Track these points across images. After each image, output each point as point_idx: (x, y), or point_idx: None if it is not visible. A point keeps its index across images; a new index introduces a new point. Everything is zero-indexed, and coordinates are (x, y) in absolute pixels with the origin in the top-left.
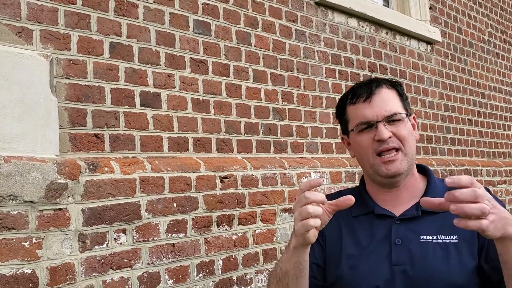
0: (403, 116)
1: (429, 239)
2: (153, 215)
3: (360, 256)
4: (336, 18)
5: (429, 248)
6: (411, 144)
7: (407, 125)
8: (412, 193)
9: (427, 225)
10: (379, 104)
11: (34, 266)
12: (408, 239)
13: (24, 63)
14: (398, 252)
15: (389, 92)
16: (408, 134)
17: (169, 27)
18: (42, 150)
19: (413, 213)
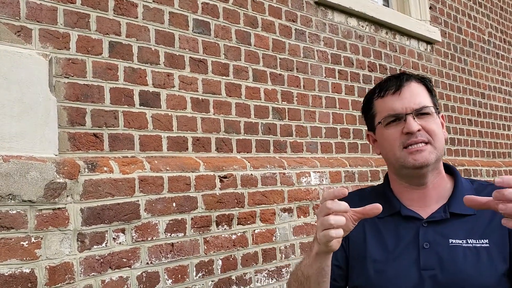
0: (432, 110)
1: (459, 243)
2: (152, 214)
3: (386, 260)
4: (336, 17)
5: (458, 252)
6: (440, 139)
7: (437, 120)
8: (440, 194)
9: (456, 229)
10: (408, 96)
11: (33, 266)
12: (437, 243)
13: (23, 62)
14: (427, 256)
15: (418, 86)
16: (437, 129)
17: (169, 26)
18: (41, 150)
19: (441, 215)
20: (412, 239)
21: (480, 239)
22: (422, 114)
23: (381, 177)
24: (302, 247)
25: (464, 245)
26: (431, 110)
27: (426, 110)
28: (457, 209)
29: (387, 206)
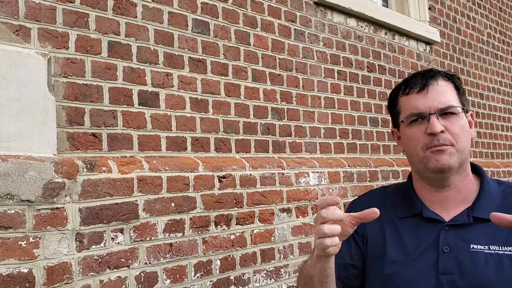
0: (459, 110)
1: (481, 248)
2: (151, 214)
3: (405, 262)
4: (335, 18)
5: (480, 258)
6: (464, 141)
7: (462, 120)
8: (464, 196)
9: (479, 234)
10: (433, 95)
11: (31, 266)
12: (458, 247)
13: (21, 61)
14: (446, 260)
15: (445, 84)
16: (461, 130)
17: (168, 26)
18: (39, 149)
19: (464, 219)
20: (432, 242)
21: (503, 245)
22: (447, 114)
23: (380, 178)
24: (301, 247)
25: (486, 251)
26: (457, 110)
27: (451, 110)
28: (481, 213)
29: (409, 206)
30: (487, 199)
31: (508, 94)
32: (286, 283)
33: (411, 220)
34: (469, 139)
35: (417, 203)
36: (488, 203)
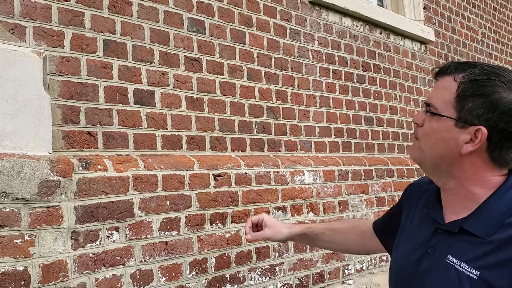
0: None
1: (454, 262)
2: (146, 213)
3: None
4: (331, 17)
5: (447, 272)
6: (434, 146)
7: (438, 125)
8: (466, 204)
9: (460, 246)
10: (434, 88)
11: (26, 264)
12: (439, 253)
13: (17, 60)
14: (426, 261)
15: (450, 82)
16: (429, 133)
17: (163, 25)
18: (34, 148)
19: (453, 228)
20: (425, 240)
21: (472, 267)
22: (429, 112)
23: (374, 176)
24: (296, 245)
25: (457, 266)
26: (436, 110)
27: (430, 108)
28: (469, 226)
29: (431, 198)
30: (483, 214)
31: None
32: (281, 281)
33: (425, 211)
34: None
35: (434, 197)
36: (482, 218)
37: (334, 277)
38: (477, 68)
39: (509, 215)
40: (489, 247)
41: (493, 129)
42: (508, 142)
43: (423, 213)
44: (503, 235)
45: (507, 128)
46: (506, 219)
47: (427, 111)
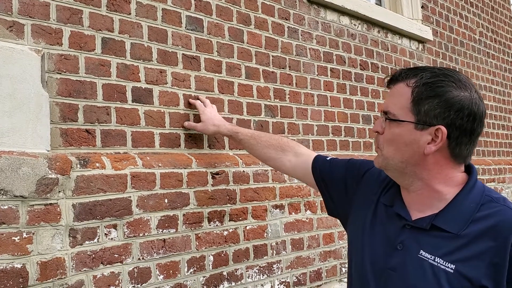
0: (396, 118)
1: (427, 257)
2: (144, 210)
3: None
4: (329, 16)
5: (422, 266)
6: (397, 151)
7: (399, 130)
8: (432, 202)
9: (433, 242)
10: (388, 96)
11: (24, 261)
12: (409, 249)
13: (15, 57)
14: (395, 257)
15: (403, 88)
16: (391, 139)
17: (162, 23)
18: (33, 145)
19: (424, 224)
20: (392, 236)
21: (448, 262)
22: (388, 119)
23: None
24: (293, 243)
25: (431, 261)
26: (395, 117)
27: (388, 115)
28: (440, 222)
29: (390, 196)
30: (454, 211)
31: (500, 93)
32: (279, 278)
33: (387, 209)
34: (411, 152)
35: (396, 197)
36: (453, 215)
37: (331, 275)
38: (426, 71)
39: (477, 210)
40: (462, 242)
41: (451, 127)
42: (466, 137)
43: (386, 209)
44: (475, 229)
45: (463, 124)
46: (475, 214)
47: (387, 119)
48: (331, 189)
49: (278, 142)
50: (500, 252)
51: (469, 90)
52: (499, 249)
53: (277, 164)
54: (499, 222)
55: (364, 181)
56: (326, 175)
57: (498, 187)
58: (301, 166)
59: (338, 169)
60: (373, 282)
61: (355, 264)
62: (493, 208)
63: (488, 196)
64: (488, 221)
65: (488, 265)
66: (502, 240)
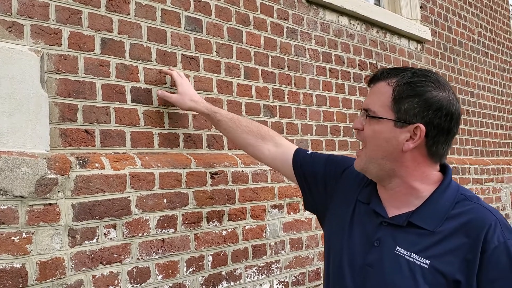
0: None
1: (404, 253)
2: (143, 210)
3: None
4: (327, 16)
5: (398, 262)
6: (378, 148)
7: (380, 127)
8: (409, 200)
9: (409, 239)
10: (370, 94)
11: (24, 261)
12: (386, 245)
13: (14, 58)
14: (373, 253)
15: (384, 87)
16: (372, 136)
17: (161, 23)
18: (32, 145)
19: (401, 221)
20: (370, 233)
21: (422, 257)
22: (369, 116)
23: None
24: (292, 243)
25: (407, 257)
26: (374, 114)
27: (369, 113)
28: (418, 220)
29: (367, 194)
30: (430, 209)
31: (498, 93)
32: (278, 278)
33: (364, 207)
34: (391, 149)
35: (372, 194)
36: (429, 213)
37: None
38: (407, 72)
39: (452, 208)
40: (437, 238)
41: (429, 125)
42: (443, 136)
43: (364, 207)
44: (449, 226)
45: (441, 123)
46: (450, 212)
47: (367, 116)
48: (311, 183)
49: (259, 129)
50: (472, 248)
51: (447, 91)
52: (472, 245)
53: (256, 152)
54: (472, 219)
55: (343, 178)
56: (307, 169)
57: (497, 187)
58: (281, 157)
59: (319, 164)
60: (350, 278)
61: (333, 261)
62: (467, 206)
63: (462, 195)
64: (462, 218)
65: (462, 260)
66: (475, 237)
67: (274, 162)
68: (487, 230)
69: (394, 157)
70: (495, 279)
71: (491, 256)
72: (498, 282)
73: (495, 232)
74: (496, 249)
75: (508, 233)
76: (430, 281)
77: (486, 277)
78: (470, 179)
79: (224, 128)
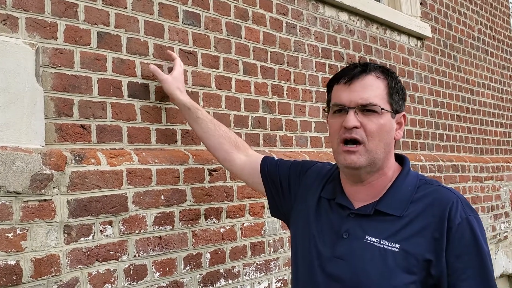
0: (380, 109)
1: (373, 241)
2: (140, 207)
3: (312, 238)
4: (327, 12)
5: (369, 250)
6: (380, 141)
7: (383, 120)
8: (377, 191)
9: (377, 227)
10: (358, 90)
11: (18, 258)
12: (355, 236)
13: (9, 51)
14: (342, 245)
15: (375, 80)
16: (378, 130)
17: (158, 17)
18: (27, 140)
19: (367, 210)
20: (337, 226)
21: (392, 242)
22: (368, 111)
23: None
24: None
25: (377, 244)
26: (377, 108)
27: (371, 107)
28: (384, 207)
29: (331, 190)
30: (394, 195)
31: (498, 90)
32: (276, 276)
33: (333, 202)
34: (389, 140)
35: (336, 189)
36: (394, 199)
37: None
38: (379, 65)
39: (415, 192)
40: (404, 222)
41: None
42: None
43: (328, 203)
44: (415, 209)
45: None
46: (414, 196)
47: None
48: (278, 187)
49: (235, 138)
50: (438, 227)
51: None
52: (438, 224)
53: (228, 158)
54: (435, 199)
55: (305, 178)
56: (273, 173)
57: (496, 185)
58: (250, 166)
59: (284, 168)
60: (320, 272)
61: (302, 258)
62: (429, 189)
63: (422, 180)
64: (425, 200)
65: (430, 240)
66: (439, 215)
67: (242, 171)
68: (450, 208)
69: (389, 148)
70: (461, 254)
71: (456, 232)
72: (463, 257)
73: (457, 209)
74: (460, 225)
75: (469, 209)
76: (402, 264)
77: (452, 253)
78: (470, 177)
79: (202, 127)
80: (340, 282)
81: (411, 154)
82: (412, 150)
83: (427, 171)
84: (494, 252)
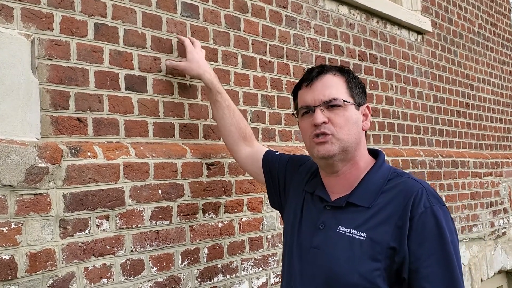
0: (342, 102)
1: (344, 231)
2: (137, 201)
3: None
4: (327, 5)
5: (340, 240)
6: (348, 131)
7: (348, 112)
8: (350, 183)
9: (348, 217)
10: (319, 88)
11: (13, 252)
12: (329, 227)
13: (4, 42)
14: (318, 236)
15: (333, 78)
16: (345, 122)
17: (156, 9)
18: (22, 133)
19: (341, 203)
20: (315, 218)
21: (360, 231)
22: (333, 106)
23: None
24: None
25: (347, 234)
26: (341, 102)
27: (335, 102)
28: (354, 199)
29: (313, 184)
30: (366, 187)
31: (498, 86)
32: (274, 271)
33: (311, 196)
34: (357, 130)
35: (317, 183)
36: (365, 191)
37: None
38: (338, 66)
39: (385, 184)
40: (372, 212)
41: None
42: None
43: (311, 196)
44: (383, 200)
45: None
46: (384, 188)
47: (336, 105)
48: (276, 180)
49: (245, 128)
50: (402, 216)
51: None
52: (401, 213)
53: (234, 148)
54: (402, 190)
55: (298, 173)
56: (273, 166)
57: (496, 181)
58: (252, 157)
59: (283, 162)
60: (297, 261)
61: (289, 248)
62: (398, 180)
63: (394, 172)
64: (393, 191)
65: (394, 228)
66: (404, 204)
67: (246, 162)
68: (414, 198)
69: (359, 138)
70: (423, 241)
71: (418, 221)
72: (425, 244)
73: (421, 199)
74: (423, 214)
75: (434, 199)
76: (368, 251)
77: (415, 241)
78: (469, 172)
79: (218, 111)
80: (315, 270)
81: (411, 149)
82: (411, 145)
83: (426, 166)
84: (493, 248)
